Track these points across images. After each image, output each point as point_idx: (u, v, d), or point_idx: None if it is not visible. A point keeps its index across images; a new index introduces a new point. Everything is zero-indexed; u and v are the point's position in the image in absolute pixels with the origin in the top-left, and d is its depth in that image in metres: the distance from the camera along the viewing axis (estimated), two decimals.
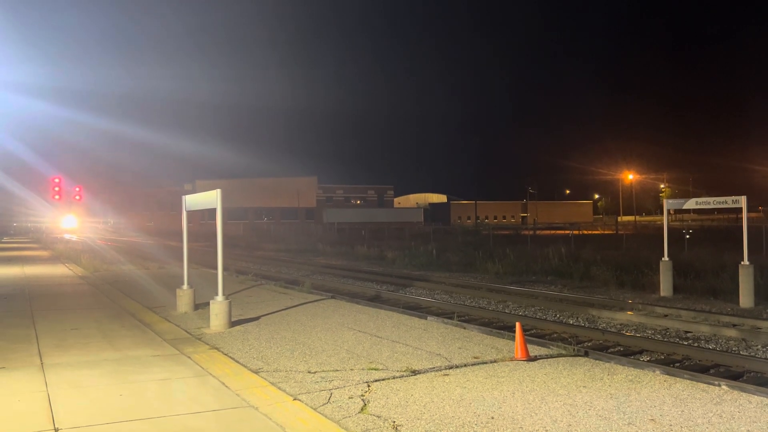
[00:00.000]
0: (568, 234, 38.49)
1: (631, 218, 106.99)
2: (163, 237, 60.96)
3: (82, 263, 23.98)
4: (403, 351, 8.38)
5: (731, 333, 11.70)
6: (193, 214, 12.46)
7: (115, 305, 13.25)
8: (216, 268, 10.66)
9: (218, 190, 10.41)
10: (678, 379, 6.99)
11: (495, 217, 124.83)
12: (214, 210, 10.55)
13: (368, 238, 44.63)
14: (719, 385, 6.67)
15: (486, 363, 7.67)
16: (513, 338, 8.49)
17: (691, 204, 18.21)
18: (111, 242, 49.89)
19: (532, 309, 15.46)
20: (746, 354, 10.27)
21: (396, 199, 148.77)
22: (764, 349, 10.58)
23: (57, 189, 36.29)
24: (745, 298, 14.75)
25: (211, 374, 7.25)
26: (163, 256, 30.38)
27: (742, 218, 15.93)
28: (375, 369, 7.39)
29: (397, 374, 7.14)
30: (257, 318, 11.31)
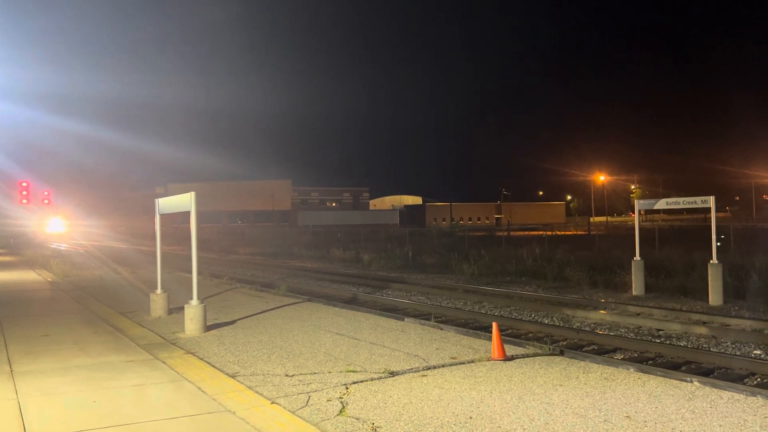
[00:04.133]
0: (542, 235, 38.91)
1: (603, 219, 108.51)
2: (136, 240, 59.99)
3: (52, 268, 23.49)
4: (381, 353, 8.38)
5: (702, 330, 11.93)
6: (166, 218, 12.30)
7: (87, 311, 13.00)
8: (190, 271, 10.53)
9: (192, 193, 10.30)
10: (651, 376, 7.11)
11: (470, 219, 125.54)
12: (187, 213, 10.44)
13: (344, 241, 44.50)
14: (691, 382, 6.79)
15: (463, 363, 7.71)
16: (490, 338, 8.54)
17: (661, 204, 18.57)
18: (80, 247, 48.81)
19: (508, 309, 15.57)
20: (716, 351, 10.49)
21: (371, 202, 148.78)
22: (734, 346, 10.81)
23: (25, 193, 35.52)
24: (715, 296, 15.06)
25: (186, 379, 7.15)
26: (136, 259, 29.93)
27: (710, 218, 16.26)
28: (353, 371, 7.37)
29: (375, 376, 7.14)
30: (233, 322, 11.20)
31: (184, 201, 10.68)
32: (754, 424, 5.29)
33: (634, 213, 18.95)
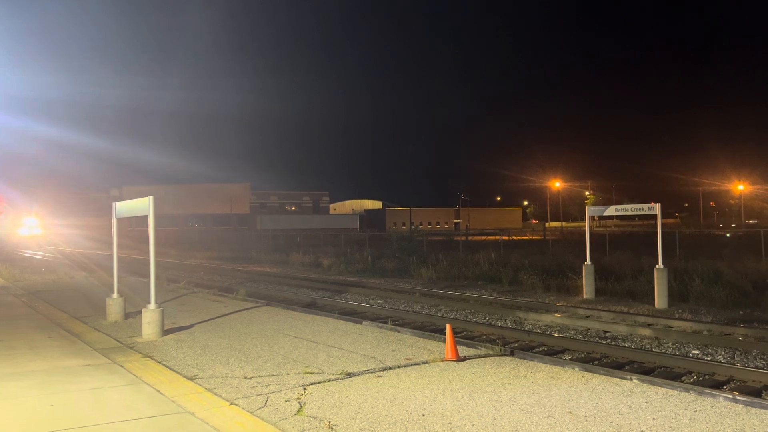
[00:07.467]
0: (499, 240, 39.69)
1: (558, 224, 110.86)
2: (92, 244, 58.54)
3: (1, 272, 22.88)
4: (339, 355, 8.58)
5: (646, 332, 12.51)
6: (122, 220, 12.25)
7: (41, 316, 12.81)
8: (146, 275, 10.53)
9: (150, 197, 10.32)
10: (594, 374, 7.51)
11: (429, 223, 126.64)
12: (142, 217, 10.45)
13: (303, 245, 44.45)
14: (631, 379, 7.21)
15: (418, 364, 7.98)
16: (444, 340, 8.84)
17: (610, 211, 19.33)
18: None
19: (463, 312, 15.96)
20: (658, 351, 11.04)
21: (332, 206, 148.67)
22: (674, 346, 11.39)
23: None
24: (660, 299, 15.75)
25: (145, 382, 7.22)
26: (91, 263, 29.35)
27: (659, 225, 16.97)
28: (311, 373, 7.56)
29: (333, 377, 7.34)
30: (191, 326, 11.24)
31: (142, 205, 10.68)
32: (685, 417, 5.70)
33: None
